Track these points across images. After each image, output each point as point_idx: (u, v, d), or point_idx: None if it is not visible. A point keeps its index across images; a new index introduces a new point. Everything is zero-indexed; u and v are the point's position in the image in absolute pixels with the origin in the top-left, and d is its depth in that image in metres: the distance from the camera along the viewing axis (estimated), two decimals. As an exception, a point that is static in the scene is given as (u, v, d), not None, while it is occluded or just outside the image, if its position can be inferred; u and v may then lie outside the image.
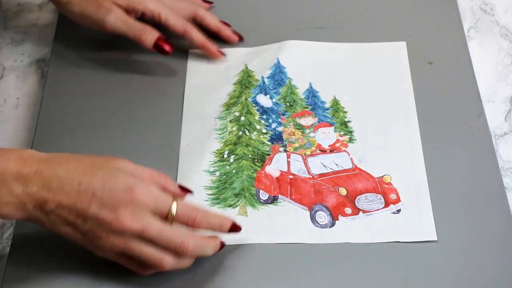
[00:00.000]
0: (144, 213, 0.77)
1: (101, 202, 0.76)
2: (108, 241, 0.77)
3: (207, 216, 0.80)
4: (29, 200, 0.77)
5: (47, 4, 1.10)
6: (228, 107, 0.95)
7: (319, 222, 0.85)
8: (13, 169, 0.77)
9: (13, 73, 1.02)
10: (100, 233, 0.77)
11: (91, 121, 0.95)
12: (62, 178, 0.77)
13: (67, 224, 0.77)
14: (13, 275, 0.83)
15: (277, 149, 0.92)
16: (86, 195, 0.76)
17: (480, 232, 0.84)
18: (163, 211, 0.78)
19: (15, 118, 0.98)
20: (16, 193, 0.76)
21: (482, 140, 0.91)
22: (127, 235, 0.77)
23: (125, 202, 0.76)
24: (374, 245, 0.83)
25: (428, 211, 0.86)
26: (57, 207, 0.77)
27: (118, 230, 0.76)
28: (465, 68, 0.98)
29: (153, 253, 0.78)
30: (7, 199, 0.76)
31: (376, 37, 1.01)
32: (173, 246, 0.78)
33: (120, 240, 0.77)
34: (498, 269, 0.82)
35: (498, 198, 0.87)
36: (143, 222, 0.77)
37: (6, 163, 0.77)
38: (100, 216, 0.76)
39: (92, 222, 0.77)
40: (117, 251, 0.78)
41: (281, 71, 0.98)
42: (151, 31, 0.96)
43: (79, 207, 0.76)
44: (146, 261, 0.78)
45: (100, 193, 0.76)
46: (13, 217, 0.78)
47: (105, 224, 0.76)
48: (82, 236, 0.78)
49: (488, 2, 1.07)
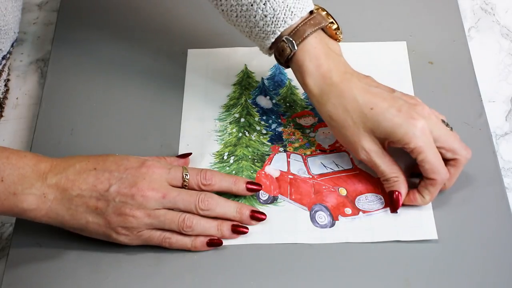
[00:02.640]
0: (161, 182, 0.81)
1: (120, 180, 0.80)
2: (132, 217, 0.80)
3: (219, 174, 0.85)
4: (50, 191, 0.79)
5: (47, 4, 1.10)
6: (227, 109, 0.95)
7: (319, 222, 0.85)
8: (31, 164, 0.79)
9: (13, 73, 1.02)
10: (124, 210, 0.80)
11: (91, 121, 0.95)
12: (77, 168, 0.81)
13: (89, 210, 0.80)
14: (13, 275, 0.83)
15: (277, 149, 0.92)
16: (104, 177, 0.80)
17: (480, 232, 0.84)
18: (177, 177, 0.83)
19: (15, 118, 0.98)
20: (36, 185, 0.79)
21: (483, 140, 0.91)
22: (150, 204, 0.80)
23: (142, 175, 0.81)
24: (374, 245, 0.83)
25: (428, 210, 0.85)
26: (78, 193, 0.79)
27: (141, 202, 0.80)
28: (465, 68, 0.98)
29: (176, 215, 0.81)
30: (29, 191, 0.78)
31: (377, 37, 1.01)
32: (194, 205, 0.82)
33: (144, 212, 0.80)
34: (498, 268, 0.82)
35: (498, 198, 0.87)
36: (162, 189, 0.81)
37: (23, 159, 0.79)
38: (122, 192, 0.80)
39: (115, 201, 0.80)
40: (142, 226, 0.80)
41: (281, 72, 0.98)
42: None
43: (99, 188, 0.80)
44: (171, 225, 0.81)
45: (116, 172, 0.81)
46: (34, 212, 0.79)
47: (127, 198, 0.80)
48: (105, 222, 0.80)
49: (488, 2, 1.07)
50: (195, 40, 1.02)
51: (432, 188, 0.84)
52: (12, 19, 0.89)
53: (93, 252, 0.84)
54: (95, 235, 0.82)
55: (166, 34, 1.02)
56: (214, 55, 1.00)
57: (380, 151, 0.84)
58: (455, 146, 0.84)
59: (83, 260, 0.83)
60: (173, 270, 0.82)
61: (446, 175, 0.83)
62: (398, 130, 0.82)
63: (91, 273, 0.83)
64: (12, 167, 0.79)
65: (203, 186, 0.84)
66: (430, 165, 0.82)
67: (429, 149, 0.82)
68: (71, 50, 1.02)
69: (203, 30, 1.02)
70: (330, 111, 0.85)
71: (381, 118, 0.82)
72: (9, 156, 0.79)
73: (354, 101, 0.84)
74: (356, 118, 0.84)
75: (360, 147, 0.84)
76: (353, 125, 0.84)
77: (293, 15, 0.86)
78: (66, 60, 1.01)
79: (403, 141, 0.82)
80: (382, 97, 0.84)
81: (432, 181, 0.83)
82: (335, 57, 0.87)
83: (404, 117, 0.82)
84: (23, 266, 0.84)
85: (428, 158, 0.82)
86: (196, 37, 1.02)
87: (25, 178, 0.79)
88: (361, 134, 0.84)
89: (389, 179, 0.85)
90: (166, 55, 1.00)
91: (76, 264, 0.83)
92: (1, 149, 0.80)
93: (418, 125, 0.82)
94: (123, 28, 1.04)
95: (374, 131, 0.83)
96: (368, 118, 0.83)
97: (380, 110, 0.83)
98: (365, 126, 0.83)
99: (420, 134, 0.82)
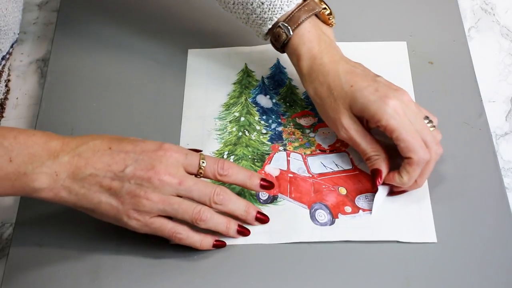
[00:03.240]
0: (178, 167, 0.80)
1: (137, 162, 0.78)
2: (146, 200, 0.78)
3: (236, 166, 0.83)
4: (62, 169, 0.77)
5: (47, 3, 1.10)
6: (228, 107, 0.95)
7: (319, 221, 0.85)
8: (40, 142, 0.77)
9: (13, 73, 1.02)
10: (138, 192, 0.78)
11: (91, 121, 0.95)
12: (91, 146, 0.79)
13: (102, 189, 0.78)
14: (13, 275, 0.83)
15: (276, 148, 0.92)
16: (120, 157, 0.78)
17: (480, 232, 0.84)
18: (194, 164, 0.81)
19: (15, 118, 0.98)
20: (48, 164, 0.77)
21: (483, 140, 0.91)
22: (166, 189, 0.78)
23: (159, 158, 0.79)
24: (374, 245, 0.83)
25: (428, 212, 0.85)
26: (92, 172, 0.78)
27: (157, 186, 0.78)
28: (465, 67, 0.98)
29: (191, 205, 0.80)
30: (40, 170, 0.76)
31: (377, 37, 1.01)
32: (209, 197, 0.80)
33: (158, 196, 0.78)
34: (499, 268, 0.82)
35: (498, 198, 0.87)
36: (179, 175, 0.79)
37: (33, 137, 0.77)
38: (138, 174, 0.78)
39: (130, 182, 0.78)
40: (155, 211, 0.79)
41: (281, 71, 0.98)
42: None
43: (114, 169, 0.78)
44: (184, 215, 0.79)
45: (133, 154, 0.79)
46: (45, 191, 0.77)
47: (143, 181, 0.78)
48: (117, 202, 0.78)
49: (488, 2, 1.07)
50: (195, 40, 1.02)
51: (409, 168, 0.84)
52: (12, 19, 0.89)
53: (93, 252, 0.84)
54: (106, 217, 0.80)
55: (166, 34, 1.02)
56: (215, 54, 1.00)
57: (360, 129, 0.86)
58: (427, 139, 0.84)
59: (83, 260, 0.83)
60: (173, 270, 0.82)
61: (424, 155, 0.83)
62: (371, 107, 0.84)
63: (91, 273, 0.82)
64: (20, 146, 0.76)
65: (219, 176, 0.82)
66: (405, 143, 0.83)
67: (403, 127, 0.83)
68: (71, 50, 1.02)
69: (203, 30, 1.02)
70: (316, 88, 0.88)
71: (358, 95, 0.85)
72: (16, 136, 0.77)
73: (337, 79, 0.87)
74: (337, 95, 0.86)
75: (340, 124, 0.86)
76: (334, 102, 0.86)
77: (289, 2, 0.89)
78: (66, 60, 1.01)
79: (375, 117, 0.83)
80: (363, 77, 0.86)
81: (409, 160, 0.83)
82: (327, 41, 0.90)
83: (379, 96, 0.84)
84: (23, 266, 0.83)
85: (402, 136, 0.83)
86: (196, 37, 1.02)
87: (35, 157, 0.76)
88: (341, 111, 0.86)
89: (370, 157, 0.86)
90: (166, 55, 1.00)
91: (76, 264, 0.83)
92: (8, 129, 0.78)
93: (390, 103, 0.83)
94: (123, 28, 1.04)
95: (352, 107, 0.85)
96: (348, 95, 0.85)
97: (359, 88, 0.85)
98: (344, 103, 0.86)
99: (391, 112, 0.83)
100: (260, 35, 0.92)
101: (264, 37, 0.92)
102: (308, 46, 0.89)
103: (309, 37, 0.89)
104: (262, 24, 0.90)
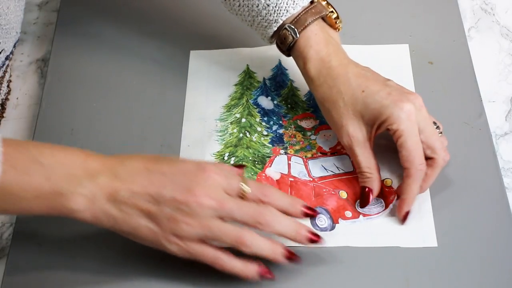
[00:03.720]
0: (218, 190, 0.76)
1: (174, 183, 0.75)
2: (185, 225, 0.75)
3: (277, 192, 0.80)
4: (100, 191, 0.75)
5: (47, 4, 1.10)
6: (229, 109, 0.95)
7: (319, 225, 0.85)
8: (79, 161, 0.75)
9: (13, 73, 1.02)
10: (177, 216, 0.75)
11: (91, 121, 0.95)
12: (129, 168, 0.76)
13: (141, 213, 0.75)
14: (13, 275, 0.83)
15: (277, 151, 0.91)
16: (157, 179, 0.75)
17: (480, 233, 0.84)
18: (235, 187, 0.77)
19: (15, 118, 0.98)
20: (86, 184, 0.74)
21: (483, 140, 0.91)
22: (205, 213, 0.75)
23: (197, 180, 0.76)
24: (374, 249, 0.83)
25: (429, 216, 0.85)
26: (130, 196, 0.75)
27: (196, 209, 0.75)
28: (465, 68, 0.98)
29: (232, 229, 0.76)
30: (77, 190, 0.74)
31: (376, 37, 1.01)
32: (252, 218, 0.76)
33: (198, 221, 0.75)
34: (499, 269, 0.82)
35: (498, 198, 0.87)
36: (219, 198, 0.76)
37: (71, 156, 0.76)
38: (176, 197, 0.75)
39: (168, 206, 0.75)
40: (194, 236, 0.75)
41: (282, 72, 0.98)
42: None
43: (152, 192, 0.75)
44: (225, 239, 0.76)
45: (170, 175, 0.76)
46: (82, 213, 0.75)
47: (181, 204, 0.75)
48: (156, 226, 0.75)
49: (488, 2, 1.07)
50: (197, 41, 1.01)
51: (408, 180, 0.83)
52: (14, 18, 0.89)
53: (94, 252, 0.84)
54: (145, 241, 0.77)
55: (168, 35, 1.02)
56: (216, 56, 1.00)
57: (363, 141, 0.85)
58: (436, 145, 0.83)
59: (84, 260, 0.83)
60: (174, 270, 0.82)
61: (421, 168, 0.83)
62: (385, 111, 0.82)
63: (91, 273, 0.83)
64: (58, 165, 0.74)
65: (260, 202, 0.79)
66: (407, 151, 0.82)
67: (410, 134, 0.82)
68: (71, 50, 1.02)
69: (205, 31, 1.02)
70: (324, 92, 0.86)
71: (370, 100, 0.83)
72: (54, 153, 0.75)
73: (347, 83, 0.85)
74: (348, 100, 0.84)
75: (345, 131, 0.85)
76: (343, 106, 0.85)
77: (295, 4, 0.88)
78: (66, 60, 1.01)
79: (388, 121, 0.82)
80: (374, 81, 0.85)
81: (406, 171, 0.83)
82: (335, 44, 0.89)
83: (392, 100, 0.83)
84: (23, 266, 0.83)
85: (406, 143, 0.82)
86: (198, 39, 1.02)
87: (72, 176, 0.74)
88: (349, 118, 0.85)
89: (363, 172, 0.85)
90: (168, 56, 1.00)
91: (76, 264, 0.83)
92: (46, 146, 0.76)
93: (405, 107, 0.82)
94: (124, 29, 1.03)
95: (363, 114, 0.84)
96: (359, 101, 0.84)
97: (371, 93, 0.84)
98: (354, 109, 0.84)
99: (405, 117, 0.82)
100: (265, 38, 0.91)
101: (269, 40, 0.91)
102: (315, 48, 0.88)
103: (316, 40, 0.88)
104: (267, 27, 0.89)
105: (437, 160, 0.84)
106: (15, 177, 0.73)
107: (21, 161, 0.74)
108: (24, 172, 0.73)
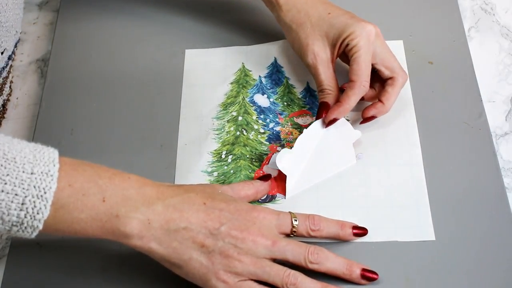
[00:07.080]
0: (271, 229, 0.78)
1: (230, 220, 0.76)
2: (238, 262, 0.75)
3: (325, 219, 0.82)
4: (155, 217, 0.74)
5: (47, 3, 1.10)
6: (225, 107, 0.95)
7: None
8: (136, 186, 0.75)
9: (13, 73, 1.02)
10: (231, 252, 0.75)
11: (90, 121, 0.95)
12: (185, 199, 0.76)
13: (195, 246, 0.75)
14: (13, 275, 0.83)
15: (275, 148, 0.92)
16: (215, 214, 0.76)
17: (480, 232, 0.84)
18: (286, 223, 0.79)
19: (14, 118, 0.98)
20: (142, 209, 0.74)
21: (483, 140, 0.91)
22: (259, 251, 0.76)
23: (252, 219, 0.77)
24: (373, 244, 0.83)
25: (426, 210, 0.85)
26: (186, 226, 0.75)
27: (251, 247, 0.76)
28: (465, 67, 0.98)
29: (281, 269, 0.77)
30: (133, 214, 0.73)
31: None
32: (303, 256, 0.78)
33: (251, 259, 0.76)
34: (498, 268, 0.82)
35: (498, 198, 0.86)
36: (272, 236, 0.77)
37: (127, 181, 0.75)
38: (232, 234, 0.76)
39: (224, 241, 0.75)
40: (246, 273, 0.76)
41: (278, 70, 0.98)
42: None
43: (209, 226, 0.75)
44: (275, 279, 0.76)
45: (227, 212, 0.77)
46: (135, 239, 0.74)
47: (237, 241, 0.75)
48: (208, 261, 0.75)
49: (488, 2, 1.07)
50: (192, 40, 1.02)
51: (349, 91, 0.87)
52: (13, 16, 0.88)
53: (94, 252, 0.84)
54: (192, 275, 0.76)
55: (164, 34, 1.02)
56: (212, 54, 1.00)
57: (326, 61, 0.90)
58: (394, 65, 0.89)
59: (84, 260, 0.83)
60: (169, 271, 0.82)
61: (365, 84, 0.87)
62: (349, 28, 0.88)
63: (91, 273, 0.83)
64: (115, 187, 0.73)
65: (311, 232, 0.80)
66: (358, 65, 0.87)
67: (365, 51, 0.87)
68: (71, 50, 1.02)
69: (200, 30, 1.02)
70: (293, 15, 0.91)
71: (336, 21, 0.89)
72: (111, 177, 0.74)
73: (315, 7, 0.91)
74: (315, 22, 0.90)
75: (310, 50, 0.90)
76: (310, 27, 0.90)
77: None
78: (66, 60, 1.01)
79: (350, 37, 0.87)
80: (339, 8, 0.91)
81: (351, 84, 0.87)
82: None
83: (356, 20, 0.89)
84: (23, 266, 0.84)
85: (360, 58, 0.87)
86: (193, 37, 1.02)
87: (129, 201, 0.73)
88: (315, 38, 0.90)
89: (324, 89, 0.89)
90: (164, 55, 1.00)
91: (76, 264, 0.83)
92: (104, 169, 0.75)
93: (367, 27, 0.88)
94: (121, 29, 1.04)
95: (328, 34, 0.89)
96: (325, 21, 0.90)
97: (336, 15, 0.90)
98: (321, 30, 0.90)
99: (365, 35, 0.88)
100: None
101: None
102: None
103: None
104: None
105: (397, 78, 0.89)
106: (71, 195, 0.72)
107: (78, 179, 0.73)
108: (80, 190, 0.72)
